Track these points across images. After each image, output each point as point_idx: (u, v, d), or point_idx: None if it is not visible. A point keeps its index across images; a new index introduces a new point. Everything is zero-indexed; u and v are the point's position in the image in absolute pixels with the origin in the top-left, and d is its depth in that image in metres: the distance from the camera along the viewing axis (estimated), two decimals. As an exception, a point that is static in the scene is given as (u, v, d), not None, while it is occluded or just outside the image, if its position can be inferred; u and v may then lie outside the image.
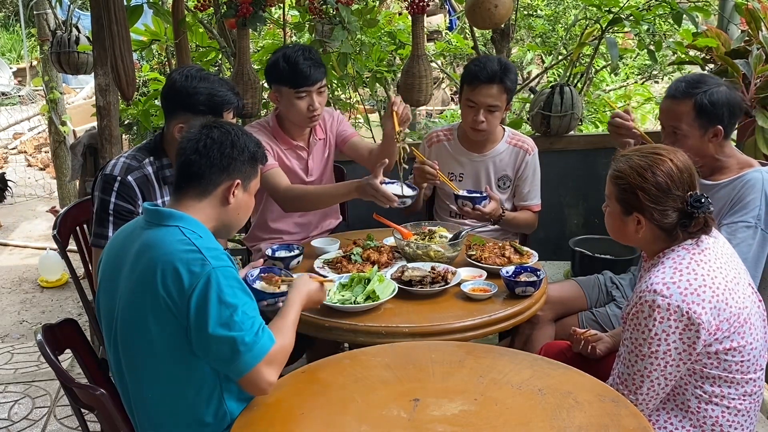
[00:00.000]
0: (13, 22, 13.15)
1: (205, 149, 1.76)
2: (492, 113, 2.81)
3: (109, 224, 2.30)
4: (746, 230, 2.20)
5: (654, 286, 1.73)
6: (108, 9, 2.98)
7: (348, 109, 4.55)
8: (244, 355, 1.61)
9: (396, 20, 5.32)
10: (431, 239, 2.55)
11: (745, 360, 1.79)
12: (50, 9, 4.95)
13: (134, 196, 2.31)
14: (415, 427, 1.56)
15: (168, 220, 1.71)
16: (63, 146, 5.20)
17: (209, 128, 1.80)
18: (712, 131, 2.23)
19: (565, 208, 3.84)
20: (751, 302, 1.83)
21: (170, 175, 2.35)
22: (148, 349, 1.68)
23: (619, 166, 1.84)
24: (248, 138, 1.84)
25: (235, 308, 1.62)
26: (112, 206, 2.29)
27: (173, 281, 1.62)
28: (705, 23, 4.70)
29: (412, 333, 2.03)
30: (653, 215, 1.80)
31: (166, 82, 2.34)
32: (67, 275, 4.63)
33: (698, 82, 2.26)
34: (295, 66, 2.68)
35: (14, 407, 3.14)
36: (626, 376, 1.80)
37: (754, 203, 2.21)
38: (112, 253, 1.80)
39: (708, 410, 1.80)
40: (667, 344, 1.72)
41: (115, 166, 2.33)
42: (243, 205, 1.85)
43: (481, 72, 2.76)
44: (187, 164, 1.77)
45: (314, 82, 2.70)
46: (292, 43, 3.83)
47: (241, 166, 1.80)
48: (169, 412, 1.74)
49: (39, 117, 8.63)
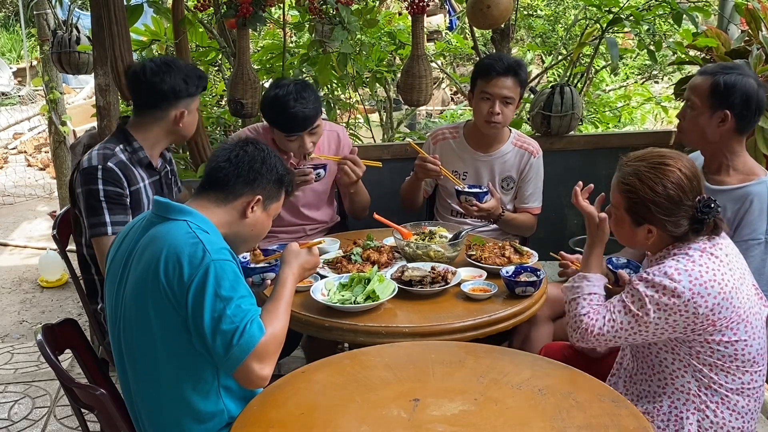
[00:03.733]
0: (13, 22, 13.15)
1: (237, 159, 1.82)
2: (507, 105, 2.81)
3: (104, 210, 2.31)
4: (758, 247, 2.21)
5: (665, 269, 1.75)
6: (108, 9, 2.99)
7: (348, 109, 4.55)
8: (233, 349, 1.61)
9: (396, 20, 5.32)
10: (431, 239, 2.55)
11: (739, 355, 1.80)
12: (50, 9, 4.95)
13: (119, 179, 2.33)
14: (415, 427, 1.56)
15: (177, 214, 1.73)
16: (63, 146, 5.19)
17: (246, 143, 1.87)
18: (720, 114, 2.20)
19: (565, 208, 3.83)
20: (752, 302, 1.83)
21: (145, 156, 2.40)
22: (148, 343, 1.69)
23: (628, 179, 1.83)
24: (280, 162, 1.89)
25: (229, 301, 1.62)
26: (102, 193, 2.30)
27: (174, 272, 1.63)
28: (705, 23, 4.71)
29: (412, 333, 2.03)
30: (666, 227, 1.81)
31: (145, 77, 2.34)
32: (67, 275, 4.62)
33: (732, 67, 2.27)
34: (283, 112, 2.64)
35: (14, 407, 3.14)
36: (602, 316, 1.83)
37: (761, 218, 2.21)
38: (119, 247, 1.81)
39: (708, 395, 1.82)
40: (655, 315, 1.75)
41: (90, 159, 2.35)
42: (259, 223, 1.87)
43: (497, 63, 2.78)
44: (215, 169, 1.82)
45: (305, 128, 2.69)
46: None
47: (266, 184, 1.84)
48: (167, 407, 1.74)
49: (39, 117, 8.62)
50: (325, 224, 3.06)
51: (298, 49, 4.36)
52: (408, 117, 6.00)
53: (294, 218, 2.97)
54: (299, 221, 2.98)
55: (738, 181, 2.25)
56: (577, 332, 1.87)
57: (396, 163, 3.39)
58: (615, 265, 2.23)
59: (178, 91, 2.34)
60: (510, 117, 2.87)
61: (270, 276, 2.08)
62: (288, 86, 2.67)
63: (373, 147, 3.86)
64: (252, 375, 1.63)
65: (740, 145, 2.29)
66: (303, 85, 2.71)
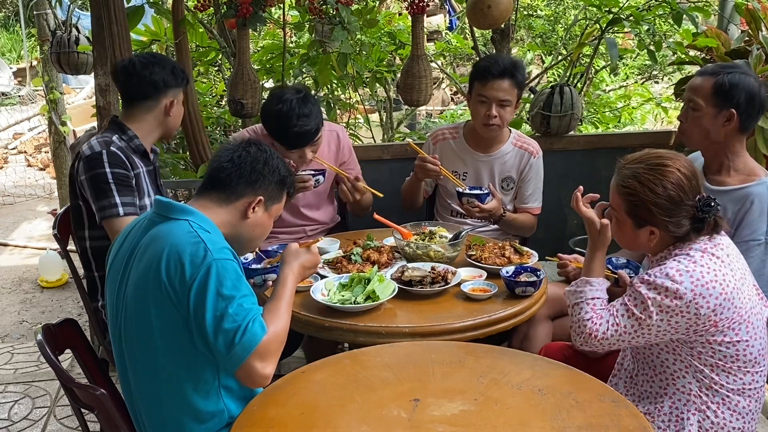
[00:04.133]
0: (13, 22, 13.15)
1: (239, 160, 1.82)
2: (504, 108, 2.80)
3: (114, 192, 2.34)
4: (758, 248, 2.21)
5: (667, 270, 1.75)
6: (108, 9, 2.99)
7: (348, 109, 4.55)
8: (236, 348, 1.61)
9: (396, 20, 5.33)
10: (431, 239, 2.55)
11: (740, 355, 1.80)
12: (50, 9, 4.95)
13: (123, 162, 2.38)
14: (415, 427, 1.56)
15: (178, 214, 1.73)
16: (63, 146, 5.19)
17: (249, 144, 1.87)
18: (726, 114, 2.19)
19: (565, 208, 3.83)
20: (753, 303, 1.83)
21: (140, 144, 2.46)
22: (148, 342, 1.69)
23: (628, 181, 1.83)
24: (282, 163, 1.89)
25: (231, 300, 1.62)
26: (110, 176, 2.34)
27: (176, 271, 1.63)
28: (705, 23, 4.71)
29: (412, 333, 2.03)
30: (668, 227, 1.81)
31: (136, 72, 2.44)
32: (67, 275, 4.63)
33: (731, 66, 2.27)
34: (286, 130, 2.63)
35: (14, 407, 3.14)
36: (605, 320, 1.84)
37: (761, 219, 2.21)
38: (120, 246, 1.81)
39: (709, 396, 1.82)
40: (657, 318, 1.75)
41: (92, 147, 2.39)
42: (260, 224, 1.87)
43: (494, 66, 2.76)
44: (218, 169, 1.83)
45: (306, 144, 2.69)
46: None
47: (268, 185, 1.84)
48: (167, 407, 1.74)
49: (39, 117, 8.62)
50: (325, 225, 3.06)
51: (298, 49, 4.36)
52: (408, 117, 6.01)
53: (294, 219, 2.97)
54: (300, 222, 2.98)
55: (739, 181, 2.24)
56: (581, 336, 1.87)
57: (396, 163, 3.39)
58: (615, 266, 2.24)
59: (167, 81, 2.46)
60: (508, 119, 2.87)
61: (272, 277, 2.08)
62: (290, 101, 2.63)
63: (373, 147, 3.86)
64: (254, 374, 1.64)
65: (741, 145, 2.29)
66: (304, 98, 2.67)
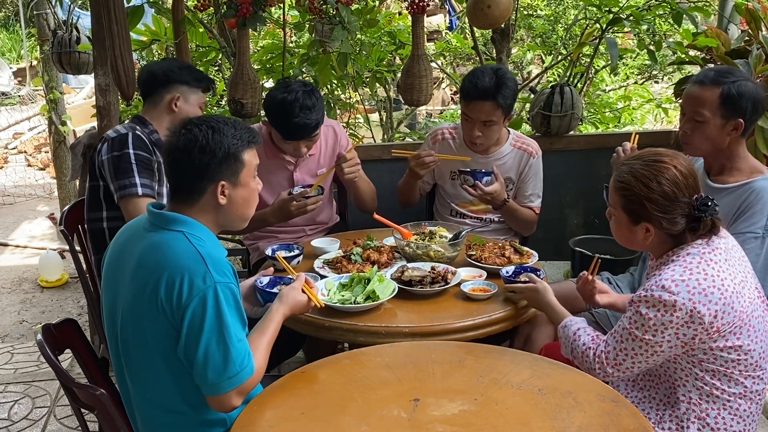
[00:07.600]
0: (13, 22, 13.15)
1: (176, 162, 1.71)
2: (488, 127, 2.79)
3: (134, 172, 2.40)
4: (754, 241, 2.19)
5: (662, 282, 1.74)
6: (108, 9, 2.98)
7: (348, 109, 4.55)
8: (223, 381, 1.62)
9: (396, 20, 5.32)
10: (431, 239, 2.55)
11: (742, 360, 1.79)
12: (50, 9, 4.95)
13: (147, 147, 2.48)
14: (415, 427, 1.56)
15: (172, 225, 1.70)
16: (63, 146, 5.19)
17: (176, 136, 1.71)
18: (733, 123, 2.20)
19: (565, 208, 3.84)
20: (755, 306, 1.82)
21: (159, 138, 2.54)
22: (145, 349, 1.69)
23: (624, 177, 1.83)
24: (221, 135, 1.70)
25: (228, 332, 1.62)
26: (133, 156, 2.42)
27: (174, 290, 1.61)
28: (705, 23, 4.70)
29: (412, 333, 2.03)
30: (662, 224, 1.80)
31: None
32: (67, 275, 4.63)
33: (728, 72, 2.24)
34: (287, 119, 2.62)
35: (14, 407, 3.14)
36: (612, 348, 1.82)
37: (761, 213, 2.20)
38: (115, 251, 1.80)
39: (710, 402, 1.81)
40: (662, 335, 1.74)
41: (118, 131, 2.51)
42: (241, 200, 1.77)
43: (473, 89, 2.72)
44: (168, 175, 1.80)
45: (304, 138, 2.69)
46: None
47: (219, 167, 1.70)
48: (167, 412, 1.74)
49: (39, 117, 8.62)
50: (324, 225, 3.06)
51: (298, 49, 4.36)
52: (408, 117, 6.02)
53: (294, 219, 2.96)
54: (299, 222, 2.97)
55: (743, 178, 2.26)
56: (594, 364, 1.84)
57: (396, 163, 3.39)
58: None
59: (169, 74, 2.52)
60: (494, 136, 2.86)
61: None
62: (297, 92, 2.63)
63: (373, 147, 3.87)
64: (227, 404, 1.66)
65: (743, 146, 2.30)
66: (310, 91, 2.67)
